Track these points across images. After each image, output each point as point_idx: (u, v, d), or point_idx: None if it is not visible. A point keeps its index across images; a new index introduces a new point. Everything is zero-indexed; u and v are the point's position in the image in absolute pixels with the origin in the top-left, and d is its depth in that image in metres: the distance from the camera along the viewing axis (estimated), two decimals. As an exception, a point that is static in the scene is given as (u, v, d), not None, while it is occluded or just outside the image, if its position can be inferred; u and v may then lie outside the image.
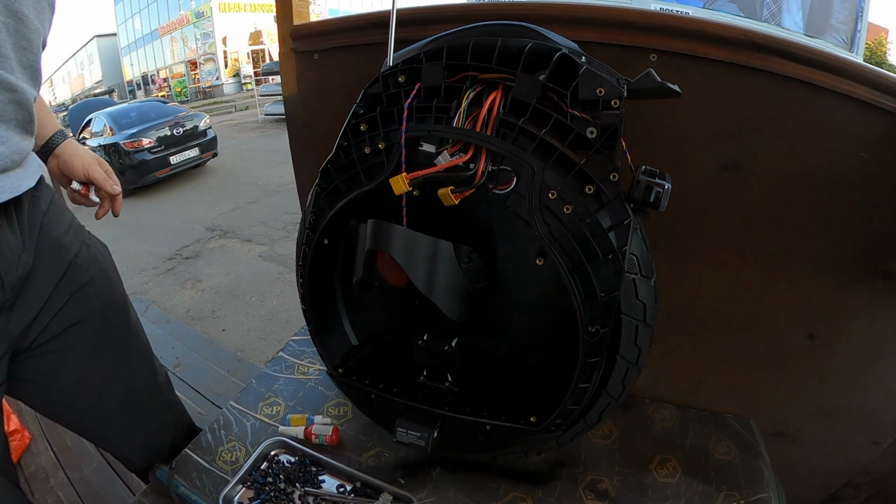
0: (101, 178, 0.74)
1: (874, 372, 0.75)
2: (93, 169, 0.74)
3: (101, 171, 0.75)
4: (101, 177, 0.74)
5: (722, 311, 0.77)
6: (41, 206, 0.64)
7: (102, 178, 0.75)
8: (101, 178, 0.74)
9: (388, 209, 0.55)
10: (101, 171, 0.75)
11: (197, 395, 1.92)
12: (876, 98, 0.58)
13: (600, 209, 0.50)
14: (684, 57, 0.62)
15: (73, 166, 0.73)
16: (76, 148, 0.75)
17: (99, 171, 0.74)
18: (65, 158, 0.73)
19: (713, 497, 0.68)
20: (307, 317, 0.70)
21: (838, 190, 0.64)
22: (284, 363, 0.94)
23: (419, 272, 0.52)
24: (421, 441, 0.62)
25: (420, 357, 0.63)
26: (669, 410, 0.83)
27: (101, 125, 6.34)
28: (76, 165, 0.73)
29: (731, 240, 0.71)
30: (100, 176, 0.74)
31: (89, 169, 0.74)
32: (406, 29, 0.61)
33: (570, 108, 0.50)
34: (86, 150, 0.76)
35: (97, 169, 0.74)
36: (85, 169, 0.73)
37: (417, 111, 0.53)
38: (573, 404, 0.56)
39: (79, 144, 0.76)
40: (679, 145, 0.67)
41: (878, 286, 0.68)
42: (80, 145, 0.76)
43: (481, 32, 0.57)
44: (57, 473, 1.39)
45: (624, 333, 0.54)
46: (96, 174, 0.74)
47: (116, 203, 0.77)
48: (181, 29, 21.59)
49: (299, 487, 0.68)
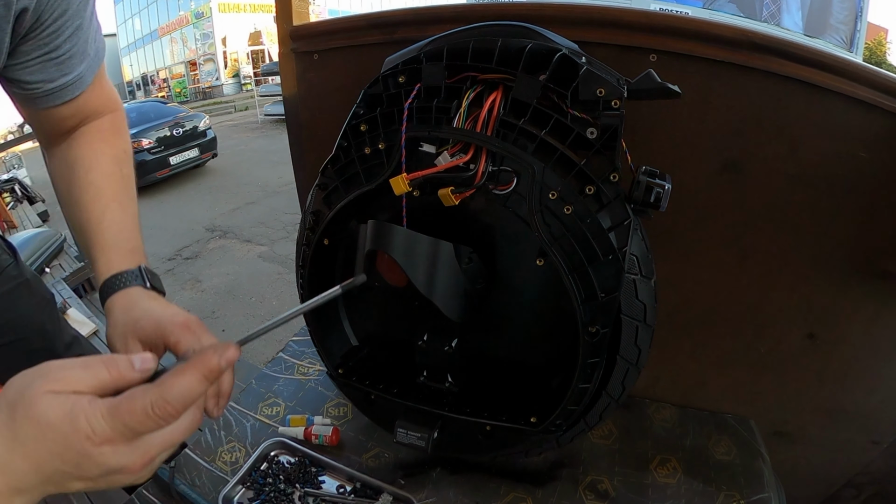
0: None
1: (874, 372, 0.76)
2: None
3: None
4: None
5: (722, 312, 0.77)
6: None
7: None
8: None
9: (389, 210, 0.55)
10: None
11: (197, 396, 1.92)
12: (876, 98, 0.58)
13: (600, 209, 0.50)
14: (684, 57, 0.62)
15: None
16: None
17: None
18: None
19: (713, 497, 0.68)
20: (307, 317, 0.70)
21: (838, 190, 0.64)
22: (284, 364, 0.94)
23: (419, 273, 0.52)
24: (421, 441, 0.62)
25: (420, 357, 0.63)
26: (669, 410, 0.83)
27: (101, 125, 6.34)
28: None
29: (731, 240, 0.71)
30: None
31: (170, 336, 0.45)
32: (406, 29, 0.61)
33: (571, 109, 0.50)
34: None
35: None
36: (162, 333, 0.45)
37: (418, 112, 0.53)
38: (573, 405, 0.56)
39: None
40: (679, 145, 0.67)
41: (878, 286, 0.68)
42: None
43: (481, 33, 0.57)
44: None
45: (624, 334, 0.54)
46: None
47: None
48: (181, 29, 21.59)
49: (299, 488, 0.68)
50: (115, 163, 0.59)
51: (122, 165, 0.59)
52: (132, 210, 0.58)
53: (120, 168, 0.59)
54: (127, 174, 0.59)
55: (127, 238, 0.55)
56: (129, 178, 0.59)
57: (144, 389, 0.33)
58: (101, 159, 0.58)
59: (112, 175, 0.58)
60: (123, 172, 0.59)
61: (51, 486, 0.33)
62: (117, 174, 0.58)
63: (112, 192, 0.56)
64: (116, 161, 0.59)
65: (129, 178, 0.59)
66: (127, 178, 0.59)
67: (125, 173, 0.59)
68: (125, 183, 0.58)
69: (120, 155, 0.60)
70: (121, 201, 0.57)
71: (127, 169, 0.60)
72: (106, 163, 0.58)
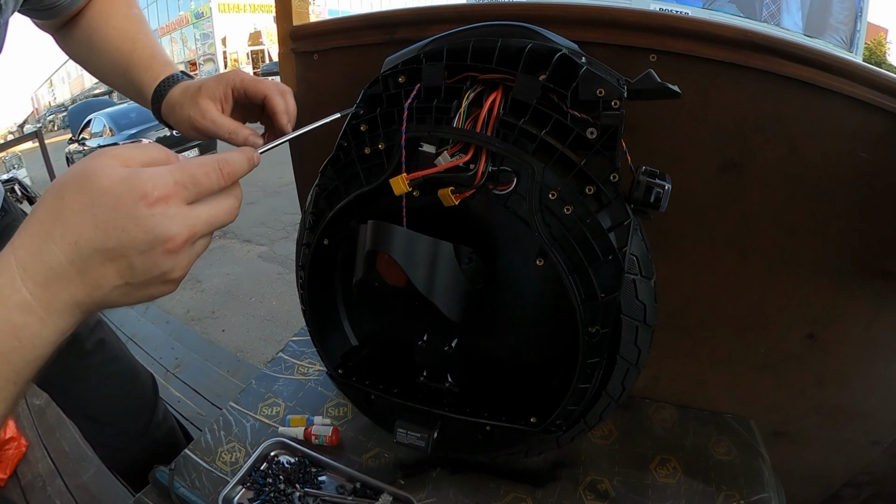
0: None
1: (874, 372, 0.76)
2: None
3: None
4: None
5: (722, 312, 0.77)
6: None
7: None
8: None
9: (388, 210, 0.55)
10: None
11: (197, 396, 1.92)
12: (876, 98, 0.58)
13: (600, 210, 0.50)
14: (684, 57, 0.62)
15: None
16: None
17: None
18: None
19: (713, 497, 0.68)
20: (307, 317, 0.70)
21: (838, 190, 0.64)
22: (284, 364, 0.94)
23: (419, 273, 0.52)
24: (421, 442, 0.62)
25: (420, 357, 0.63)
26: (669, 411, 0.83)
27: (101, 126, 6.34)
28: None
29: (730, 240, 0.71)
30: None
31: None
32: (406, 29, 0.61)
33: (571, 109, 0.50)
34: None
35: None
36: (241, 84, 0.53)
37: (417, 112, 0.53)
38: (573, 405, 0.56)
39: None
40: (679, 145, 0.67)
41: (878, 286, 0.68)
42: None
43: (481, 33, 0.57)
44: (55, 481, 1.38)
45: (624, 334, 0.54)
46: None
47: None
48: (181, 29, 21.60)
49: (299, 488, 0.68)
50: (128, 7, 0.66)
51: (134, 7, 0.67)
52: (156, 39, 0.65)
53: (133, 10, 0.66)
54: (141, 16, 0.66)
55: (161, 54, 0.61)
56: (144, 19, 0.67)
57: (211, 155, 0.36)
58: (115, 9, 0.65)
59: (129, 16, 0.65)
60: (138, 13, 0.66)
61: (87, 282, 0.33)
62: (134, 15, 0.65)
63: (135, 28, 0.64)
64: (129, 6, 0.66)
65: (144, 18, 0.67)
66: (143, 18, 0.66)
67: (140, 14, 0.66)
68: (143, 21, 0.66)
69: (130, 3, 0.67)
70: (145, 32, 0.64)
71: (140, 12, 0.67)
72: (121, 9, 0.65)
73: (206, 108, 0.53)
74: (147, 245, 0.32)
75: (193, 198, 0.34)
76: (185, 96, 0.55)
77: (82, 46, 0.67)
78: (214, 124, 0.53)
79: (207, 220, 0.35)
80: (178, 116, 0.55)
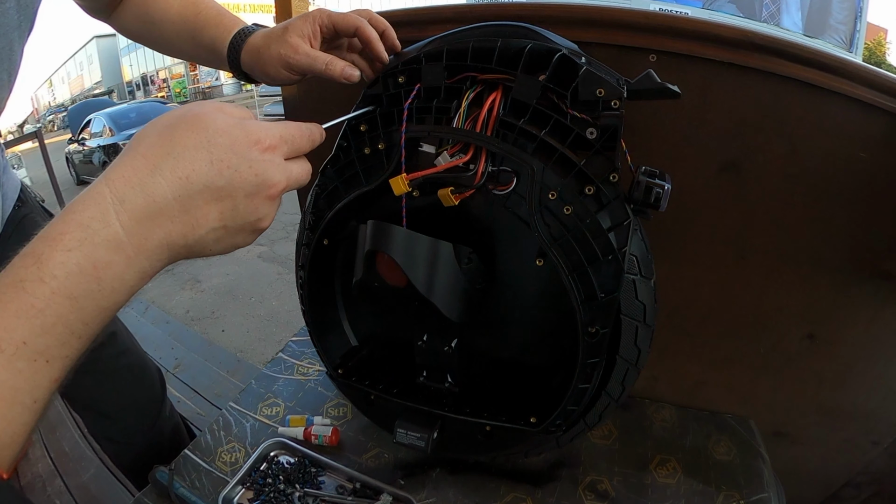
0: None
1: (874, 372, 0.76)
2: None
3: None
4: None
5: (721, 312, 0.77)
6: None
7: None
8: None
9: (388, 210, 0.55)
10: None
11: (196, 396, 1.92)
12: (876, 98, 0.58)
13: (600, 210, 0.50)
14: (684, 57, 0.62)
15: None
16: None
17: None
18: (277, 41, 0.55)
19: (713, 497, 0.68)
20: (306, 317, 0.70)
21: (838, 190, 0.64)
22: (284, 364, 0.94)
23: (419, 273, 0.52)
24: (421, 442, 0.62)
25: (420, 358, 0.63)
26: (669, 411, 0.83)
27: (101, 126, 6.34)
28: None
29: (730, 240, 0.71)
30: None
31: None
32: (405, 29, 0.61)
33: (570, 109, 0.50)
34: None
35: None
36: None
37: (417, 112, 0.53)
38: (573, 405, 0.56)
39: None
40: (678, 146, 0.67)
41: (878, 286, 0.68)
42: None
43: (481, 33, 0.57)
44: (54, 481, 1.37)
45: (624, 334, 0.54)
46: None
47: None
48: (180, 29, 21.55)
49: (299, 488, 0.68)
50: None
51: None
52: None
53: None
54: None
55: (227, 11, 0.63)
56: None
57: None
58: None
59: None
60: None
61: (187, 221, 0.33)
62: None
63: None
64: None
65: None
66: None
67: None
68: None
69: None
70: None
71: None
72: None
73: (297, 44, 0.54)
74: (254, 188, 0.34)
75: (290, 154, 0.37)
76: (269, 39, 0.56)
77: (141, 22, 0.68)
78: (309, 57, 0.53)
79: (297, 176, 0.39)
80: (266, 58, 0.56)
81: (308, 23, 0.54)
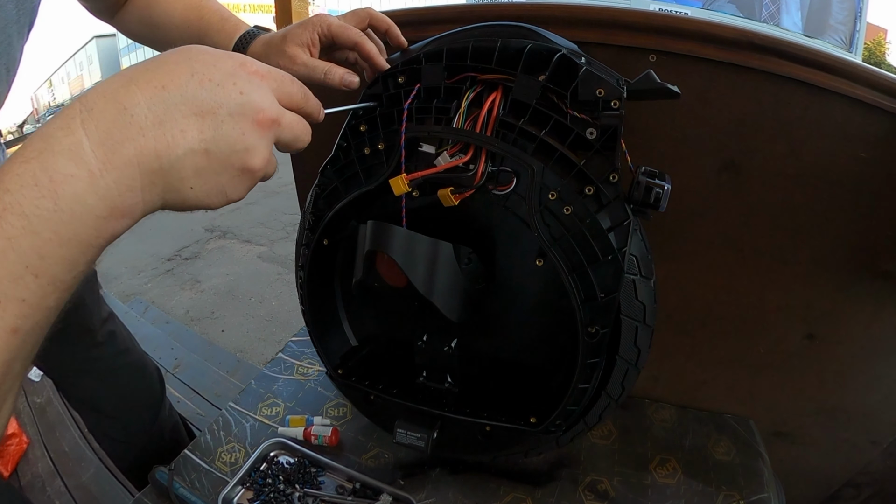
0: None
1: (874, 372, 0.76)
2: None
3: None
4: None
5: (721, 312, 0.77)
6: None
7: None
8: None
9: (388, 210, 0.55)
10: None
11: (196, 396, 1.91)
12: (875, 98, 0.58)
13: (600, 210, 0.50)
14: (684, 58, 0.62)
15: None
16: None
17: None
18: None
19: (713, 497, 0.68)
20: (306, 318, 0.70)
21: (837, 190, 0.64)
22: (284, 364, 0.94)
23: (419, 273, 0.52)
24: (420, 442, 0.62)
25: (420, 358, 0.63)
26: (669, 411, 0.83)
27: (100, 126, 6.34)
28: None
29: (730, 240, 0.71)
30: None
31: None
32: (405, 30, 0.61)
33: (570, 109, 0.50)
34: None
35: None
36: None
37: (417, 112, 0.53)
38: (573, 405, 0.56)
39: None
40: (678, 146, 0.67)
41: (878, 286, 0.68)
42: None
43: (481, 33, 0.57)
44: (54, 481, 1.37)
45: (623, 334, 0.54)
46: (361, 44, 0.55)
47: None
48: (180, 29, 21.55)
49: (299, 488, 0.68)
50: None
51: None
52: (219, 2, 0.65)
53: None
54: None
55: (231, 15, 0.62)
56: None
57: None
58: None
59: None
60: None
61: (161, 135, 0.29)
62: None
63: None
64: None
65: None
66: None
67: None
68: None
69: None
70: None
71: None
72: None
73: (295, 53, 0.53)
74: (238, 107, 0.31)
75: (278, 91, 0.34)
76: (269, 48, 0.56)
77: (144, 24, 0.68)
78: (307, 67, 0.53)
79: (289, 123, 0.35)
80: (272, 50, 0.56)
81: (307, 31, 0.54)
